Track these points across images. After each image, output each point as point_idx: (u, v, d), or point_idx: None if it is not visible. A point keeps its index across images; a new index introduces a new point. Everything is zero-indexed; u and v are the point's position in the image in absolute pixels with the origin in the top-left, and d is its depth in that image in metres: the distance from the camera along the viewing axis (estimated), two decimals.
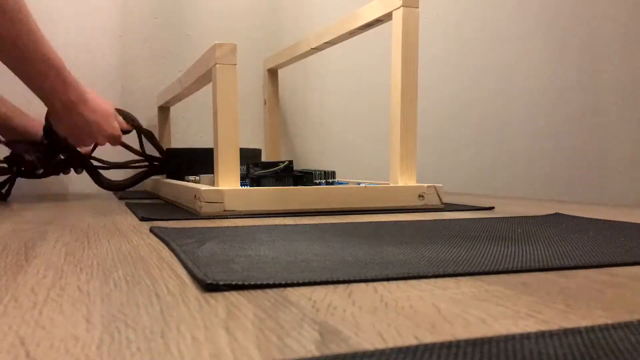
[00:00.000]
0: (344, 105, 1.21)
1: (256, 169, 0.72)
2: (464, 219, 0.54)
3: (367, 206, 0.64)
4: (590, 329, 0.19)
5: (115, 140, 0.81)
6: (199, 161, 0.83)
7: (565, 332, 0.19)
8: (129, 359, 0.17)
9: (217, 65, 0.60)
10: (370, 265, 0.30)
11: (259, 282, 0.26)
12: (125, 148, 0.86)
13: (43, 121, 0.79)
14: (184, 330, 0.19)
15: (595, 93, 1.42)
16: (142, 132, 0.88)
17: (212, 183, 0.68)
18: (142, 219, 0.55)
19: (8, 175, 0.82)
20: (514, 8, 1.33)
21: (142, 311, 0.22)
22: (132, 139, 1.07)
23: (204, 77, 0.67)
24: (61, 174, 0.87)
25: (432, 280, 0.27)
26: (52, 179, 0.99)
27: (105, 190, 1.04)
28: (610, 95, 1.44)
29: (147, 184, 0.98)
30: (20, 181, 0.93)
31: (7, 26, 0.63)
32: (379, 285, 0.26)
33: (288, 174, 0.71)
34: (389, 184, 0.69)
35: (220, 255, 0.33)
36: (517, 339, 0.18)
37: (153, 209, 0.65)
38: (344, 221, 0.53)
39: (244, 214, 0.58)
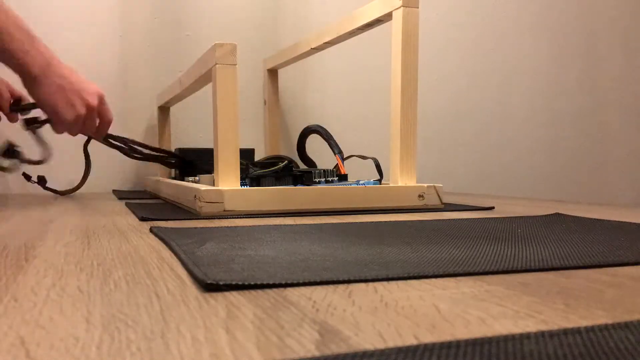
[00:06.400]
0: (344, 105, 1.21)
1: (255, 168, 0.72)
2: (464, 219, 0.54)
3: (367, 206, 0.64)
4: (590, 329, 0.19)
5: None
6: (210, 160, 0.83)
7: (565, 332, 0.19)
8: (129, 359, 0.17)
9: (217, 65, 0.60)
10: (370, 265, 0.30)
11: (259, 282, 0.26)
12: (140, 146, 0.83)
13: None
14: (184, 330, 0.19)
15: (595, 93, 1.42)
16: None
17: (212, 183, 0.68)
18: (142, 219, 0.55)
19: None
20: (515, 8, 1.33)
21: (142, 311, 0.22)
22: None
23: (204, 77, 0.67)
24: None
25: (432, 280, 0.27)
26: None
27: (105, 191, 1.04)
28: (610, 95, 1.44)
29: (147, 184, 0.98)
30: (21, 181, 0.93)
31: None
32: (379, 285, 0.26)
33: (287, 173, 0.71)
34: (389, 184, 0.69)
35: (220, 255, 0.33)
36: (517, 339, 0.18)
37: (153, 209, 0.65)
38: (344, 221, 0.53)
39: (244, 214, 0.58)
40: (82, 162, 0.93)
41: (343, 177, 0.75)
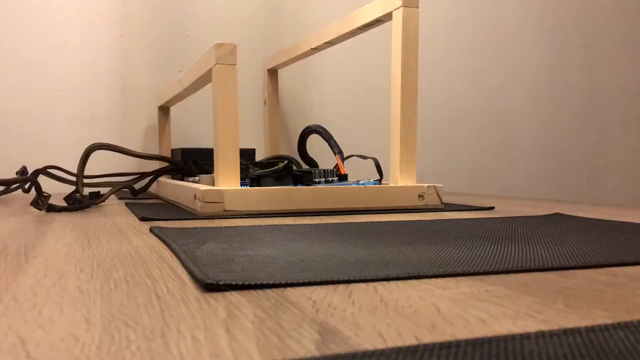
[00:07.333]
0: (344, 105, 1.21)
1: (255, 168, 0.72)
2: (464, 219, 0.54)
3: (367, 206, 0.64)
4: (590, 329, 0.19)
5: None
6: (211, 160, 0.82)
7: (565, 332, 0.19)
8: (129, 359, 0.17)
9: (217, 65, 0.60)
10: (370, 265, 0.30)
11: (259, 282, 0.26)
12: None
13: None
14: (184, 330, 0.19)
15: (595, 93, 1.42)
16: None
17: (212, 183, 0.68)
18: (142, 219, 0.55)
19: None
20: (515, 8, 1.33)
21: (142, 311, 0.22)
22: (134, 139, 1.08)
23: (204, 77, 0.67)
24: None
25: (432, 280, 0.27)
26: None
27: (105, 191, 1.04)
28: (611, 96, 1.43)
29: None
30: None
31: None
32: (379, 285, 0.26)
33: (287, 173, 0.71)
34: (389, 184, 0.69)
35: (220, 255, 0.33)
36: (517, 339, 0.18)
37: (153, 209, 0.65)
38: (344, 221, 0.53)
39: (244, 214, 0.58)
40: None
41: (343, 177, 0.75)
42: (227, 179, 0.60)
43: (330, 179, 0.74)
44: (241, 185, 0.64)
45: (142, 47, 1.06)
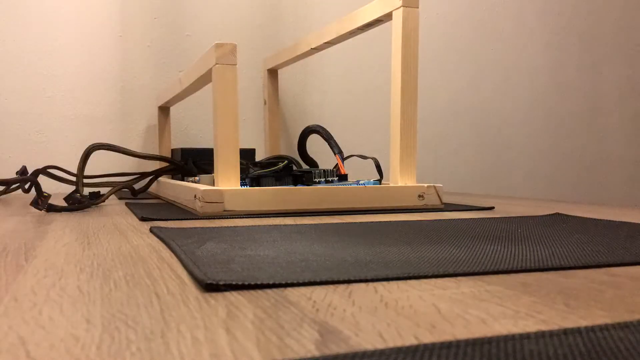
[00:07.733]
0: (344, 105, 1.21)
1: (256, 168, 0.72)
2: (464, 219, 0.54)
3: (367, 206, 0.64)
4: (590, 329, 0.19)
5: None
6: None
7: (565, 332, 0.19)
8: (129, 359, 0.17)
9: (217, 65, 0.60)
10: (370, 265, 0.30)
11: (259, 282, 0.26)
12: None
13: None
14: (184, 330, 0.19)
15: (595, 93, 1.42)
16: None
17: (212, 183, 0.68)
18: (142, 219, 0.55)
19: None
20: (514, 8, 1.33)
21: (142, 311, 0.22)
22: (131, 140, 1.08)
23: (204, 77, 0.67)
24: None
25: (432, 280, 0.27)
26: None
27: (105, 191, 1.04)
28: (610, 95, 1.43)
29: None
30: None
31: None
32: (379, 285, 0.26)
33: (287, 173, 0.71)
34: (389, 184, 0.69)
35: (220, 255, 0.33)
36: (517, 339, 0.18)
37: (153, 209, 0.65)
38: (344, 221, 0.53)
39: (244, 214, 0.58)
40: None
41: (343, 177, 0.75)
42: (227, 179, 0.60)
43: (330, 179, 0.74)
44: (241, 185, 0.64)
45: (142, 47, 1.06)
